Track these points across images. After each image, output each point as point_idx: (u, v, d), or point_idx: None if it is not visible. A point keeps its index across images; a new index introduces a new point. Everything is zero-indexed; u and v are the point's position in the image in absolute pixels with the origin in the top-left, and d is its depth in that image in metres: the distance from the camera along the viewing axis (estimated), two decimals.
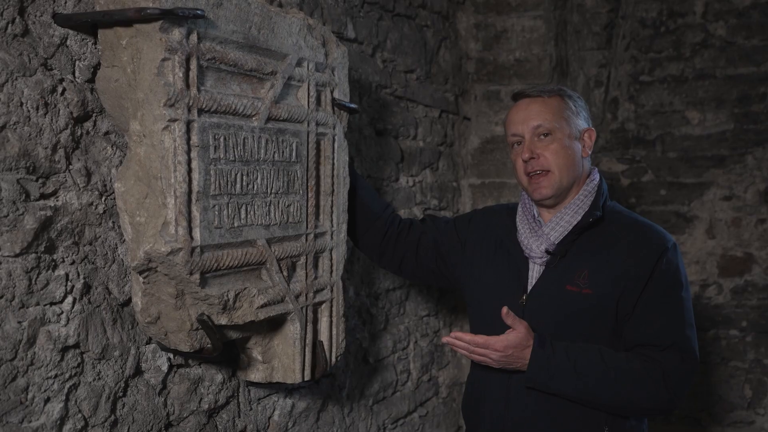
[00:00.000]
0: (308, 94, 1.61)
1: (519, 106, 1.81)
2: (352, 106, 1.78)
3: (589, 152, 1.80)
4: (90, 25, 1.29)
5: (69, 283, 1.28)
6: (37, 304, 1.23)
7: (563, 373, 1.67)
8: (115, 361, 1.38)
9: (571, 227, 1.75)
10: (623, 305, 1.70)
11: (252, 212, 1.45)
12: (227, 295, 1.39)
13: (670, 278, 1.71)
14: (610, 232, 1.75)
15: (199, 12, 1.25)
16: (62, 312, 1.27)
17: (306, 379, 1.65)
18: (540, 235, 1.77)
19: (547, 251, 1.76)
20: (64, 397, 1.27)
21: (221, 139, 1.36)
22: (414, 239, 2.00)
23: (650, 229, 1.76)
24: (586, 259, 1.73)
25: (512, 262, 1.83)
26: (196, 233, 1.31)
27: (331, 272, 1.73)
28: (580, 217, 1.75)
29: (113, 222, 1.37)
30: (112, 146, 1.37)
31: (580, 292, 1.70)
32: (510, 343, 1.66)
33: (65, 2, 1.27)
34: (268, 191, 1.50)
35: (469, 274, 1.93)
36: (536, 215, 1.84)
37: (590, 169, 1.83)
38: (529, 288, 1.78)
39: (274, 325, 1.61)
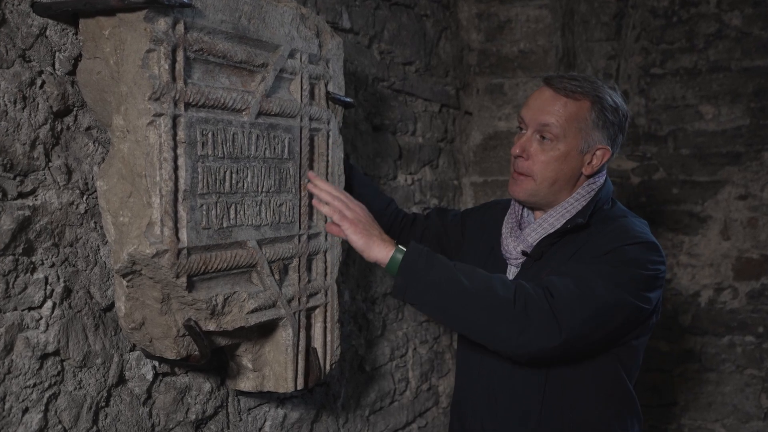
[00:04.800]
0: (301, 87, 1.61)
1: (541, 94, 1.75)
2: (348, 100, 1.78)
3: (594, 171, 1.74)
4: (71, 14, 1.29)
5: (48, 287, 1.28)
6: (15, 309, 1.23)
7: (439, 267, 1.54)
8: (97, 369, 1.38)
9: (552, 230, 1.73)
10: None
11: (242, 212, 1.45)
12: (216, 300, 1.39)
13: (617, 257, 1.62)
14: (591, 237, 1.71)
15: (185, 1, 1.25)
16: (41, 317, 1.27)
17: (299, 388, 1.65)
18: (517, 237, 1.78)
19: (524, 253, 1.76)
20: (43, 408, 1.27)
21: (209, 135, 1.36)
22: (417, 235, 2.01)
23: (628, 227, 1.71)
24: (558, 261, 1.71)
25: (496, 263, 1.84)
26: (183, 234, 1.31)
27: (326, 275, 1.73)
28: (563, 221, 1.73)
29: (95, 222, 1.37)
30: (94, 142, 1.37)
31: None
32: (362, 206, 1.59)
33: None
34: (259, 190, 1.50)
35: None
36: (525, 215, 1.84)
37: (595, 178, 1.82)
38: None
39: (266, 331, 1.61)
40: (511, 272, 1.80)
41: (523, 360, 1.62)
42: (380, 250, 1.54)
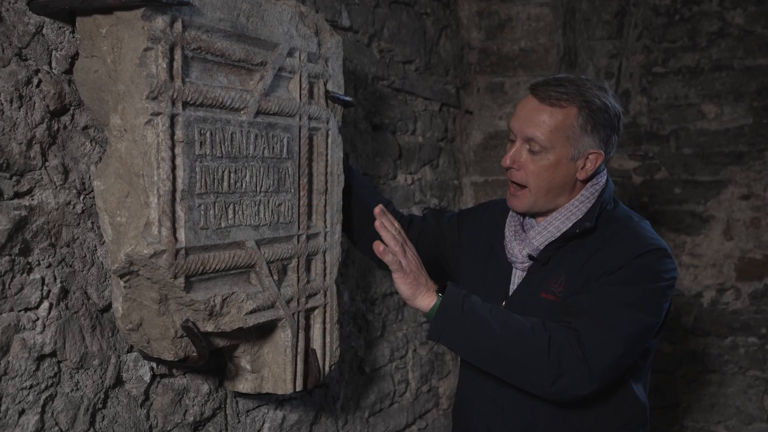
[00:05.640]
0: (300, 86, 1.61)
1: (527, 104, 1.74)
2: (347, 99, 1.78)
3: (588, 175, 1.74)
4: (67, 12, 1.29)
5: (45, 288, 1.28)
6: (11, 309, 1.23)
7: (473, 314, 1.60)
8: (94, 371, 1.38)
9: (558, 234, 1.73)
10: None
11: (240, 212, 1.45)
12: (214, 301, 1.39)
13: (633, 273, 1.64)
14: (598, 240, 1.71)
15: None
16: (38, 318, 1.27)
17: (298, 389, 1.65)
18: (523, 240, 1.77)
19: (530, 257, 1.76)
20: (39, 409, 1.27)
21: (207, 134, 1.36)
22: (414, 237, 2.01)
23: (638, 233, 1.71)
24: (567, 266, 1.71)
25: (499, 267, 1.84)
26: (181, 234, 1.31)
27: (325, 276, 1.73)
28: (570, 225, 1.73)
29: (92, 222, 1.37)
30: (91, 142, 1.37)
31: (555, 300, 1.69)
32: (415, 252, 1.65)
33: None
34: (258, 189, 1.50)
35: (463, 274, 1.94)
36: (527, 217, 1.83)
37: (593, 181, 1.81)
38: (510, 294, 1.79)
39: (264, 332, 1.61)
40: (517, 276, 1.80)
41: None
42: (423, 300, 1.63)
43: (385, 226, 1.63)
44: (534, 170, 1.71)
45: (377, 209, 1.64)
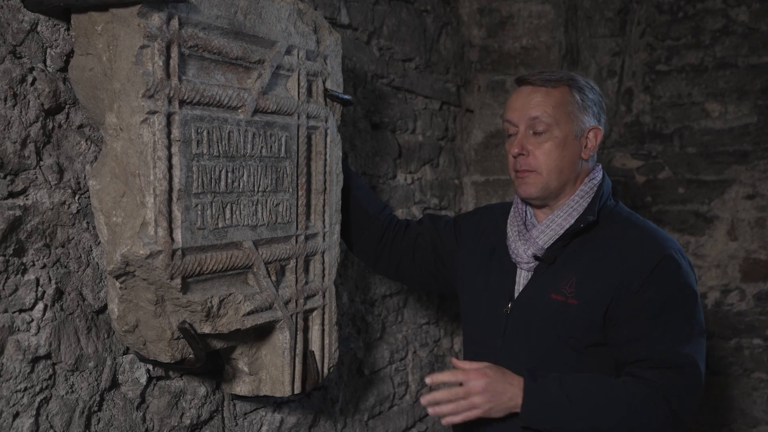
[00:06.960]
0: (298, 84, 1.61)
1: (520, 93, 1.79)
2: (346, 97, 1.78)
3: (592, 153, 1.78)
4: (62, 9, 1.29)
5: (40, 289, 1.28)
6: (5, 311, 1.23)
7: (559, 406, 1.63)
8: (90, 373, 1.38)
9: (562, 231, 1.74)
10: (612, 318, 1.67)
11: (238, 212, 1.45)
12: (211, 302, 1.39)
13: (665, 288, 1.66)
14: (604, 238, 1.73)
15: None
16: (32, 320, 1.27)
17: (296, 392, 1.65)
18: (527, 239, 1.78)
19: (535, 257, 1.76)
20: (34, 412, 1.27)
21: (204, 133, 1.36)
22: (411, 241, 2.01)
23: (648, 234, 1.73)
24: (575, 266, 1.72)
25: (502, 268, 1.84)
26: (178, 235, 1.31)
27: (323, 277, 1.73)
28: (572, 221, 1.74)
29: (87, 222, 1.37)
30: (86, 140, 1.37)
31: (565, 301, 1.69)
32: (489, 374, 1.64)
33: None
34: (255, 189, 1.50)
35: (462, 278, 1.94)
36: (529, 216, 1.84)
37: (592, 167, 1.83)
38: (516, 296, 1.79)
39: (262, 333, 1.61)
40: (522, 276, 1.80)
41: None
42: (507, 409, 1.64)
43: (437, 399, 1.68)
44: (546, 150, 1.74)
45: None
